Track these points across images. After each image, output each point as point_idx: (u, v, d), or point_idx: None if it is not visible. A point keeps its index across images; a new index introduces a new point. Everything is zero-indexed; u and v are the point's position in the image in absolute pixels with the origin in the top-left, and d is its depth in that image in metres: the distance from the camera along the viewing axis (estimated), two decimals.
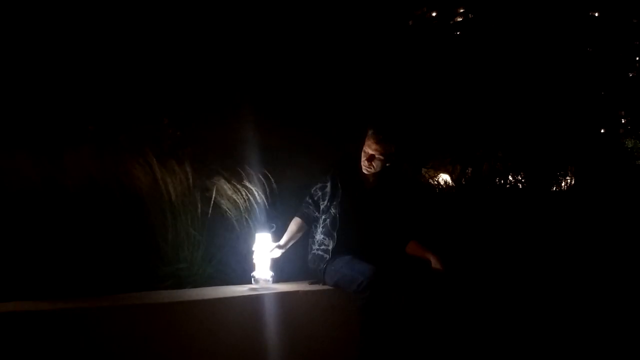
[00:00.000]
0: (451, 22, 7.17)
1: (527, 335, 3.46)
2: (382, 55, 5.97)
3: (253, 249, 2.91)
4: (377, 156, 2.94)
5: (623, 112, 7.53)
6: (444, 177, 6.17)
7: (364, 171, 3.02)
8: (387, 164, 2.99)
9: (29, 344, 2.30)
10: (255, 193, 3.35)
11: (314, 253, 3.04)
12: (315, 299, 2.93)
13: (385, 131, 2.94)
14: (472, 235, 3.92)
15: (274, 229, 3.00)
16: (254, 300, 2.78)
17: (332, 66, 5.64)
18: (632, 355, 3.34)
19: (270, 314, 2.80)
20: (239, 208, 3.31)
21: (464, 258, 3.52)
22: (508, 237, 4.03)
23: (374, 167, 2.97)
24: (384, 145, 2.93)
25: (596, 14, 7.08)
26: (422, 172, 6.04)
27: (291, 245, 3.04)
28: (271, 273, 2.91)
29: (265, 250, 2.90)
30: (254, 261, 2.90)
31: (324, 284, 2.99)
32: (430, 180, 5.82)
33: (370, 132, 2.95)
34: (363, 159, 2.98)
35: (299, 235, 3.05)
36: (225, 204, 3.30)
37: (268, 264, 2.91)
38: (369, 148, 2.95)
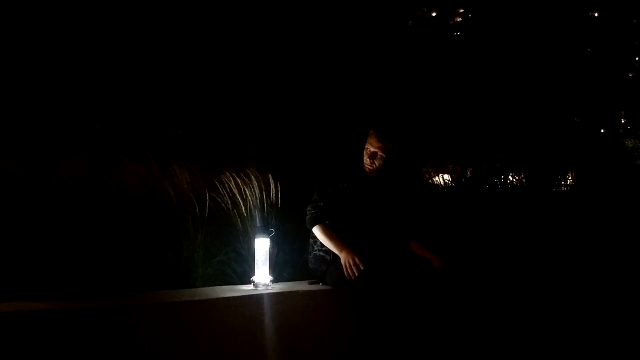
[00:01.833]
0: (451, 22, 7.18)
1: (527, 335, 3.46)
2: (383, 56, 5.98)
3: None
4: (379, 154, 2.96)
5: (623, 112, 7.54)
6: (444, 177, 6.16)
7: (366, 168, 3.02)
8: (389, 163, 3.00)
9: (29, 344, 2.31)
10: (257, 193, 3.35)
11: (315, 254, 3.03)
12: (315, 299, 2.93)
13: (387, 130, 2.96)
14: (472, 235, 3.92)
15: (272, 234, 2.99)
16: (254, 300, 2.78)
17: (334, 66, 5.64)
18: (632, 355, 3.34)
19: (270, 314, 2.80)
20: (241, 208, 3.31)
21: (464, 258, 3.53)
22: (508, 237, 4.03)
23: (375, 164, 2.98)
24: (386, 144, 2.94)
25: (596, 14, 7.09)
26: (423, 172, 6.03)
27: (294, 247, 3.04)
28: (270, 277, 2.91)
29: (263, 254, 2.90)
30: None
31: (325, 284, 2.99)
32: (431, 180, 5.81)
33: (372, 130, 2.97)
34: (365, 156, 2.99)
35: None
36: (226, 204, 3.30)
37: (267, 268, 2.91)
38: (371, 146, 2.96)
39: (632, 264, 4.05)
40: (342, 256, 2.83)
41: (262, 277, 2.89)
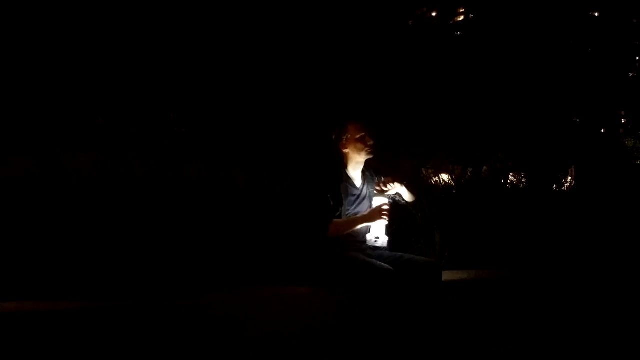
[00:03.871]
0: (451, 22, 7.17)
1: (527, 335, 3.47)
2: (383, 56, 5.98)
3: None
4: (373, 137, 3.08)
5: (623, 112, 7.53)
6: (444, 177, 6.15)
7: (370, 155, 3.10)
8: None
9: (29, 344, 2.32)
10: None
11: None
12: (322, 300, 2.93)
13: (365, 117, 3.15)
14: (473, 234, 3.93)
15: (393, 199, 3.07)
16: (256, 301, 2.79)
17: (333, 65, 5.65)
18: (632, 355, 3.35)
19: (272, 314, 2.80)
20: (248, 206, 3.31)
21: (465, 258, 3.54)
22: (509, 236, 4.04)
23: (374, 145, 3.08)
24: (371, 128, 3.09)
25: (596, 14, 7.08)
26: (422, 172, 6.03)
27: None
28: (387, 238, 2.99)
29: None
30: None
31: (334, 283, 2.98)
32: (431, 180, 5.81)
33: (358, 125, 3.08)
34: (365, 143, 3.06)
35: None
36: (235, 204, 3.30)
37: (384, 229, 2.97)
38: (361, 133, 3.07)
39: (632, 263, 4.05)
40: (373, 215, 2.93)
41: (380, 235, 2.96)
